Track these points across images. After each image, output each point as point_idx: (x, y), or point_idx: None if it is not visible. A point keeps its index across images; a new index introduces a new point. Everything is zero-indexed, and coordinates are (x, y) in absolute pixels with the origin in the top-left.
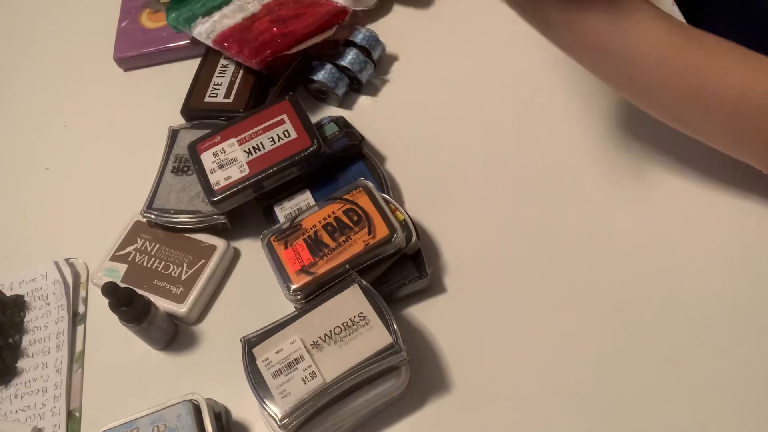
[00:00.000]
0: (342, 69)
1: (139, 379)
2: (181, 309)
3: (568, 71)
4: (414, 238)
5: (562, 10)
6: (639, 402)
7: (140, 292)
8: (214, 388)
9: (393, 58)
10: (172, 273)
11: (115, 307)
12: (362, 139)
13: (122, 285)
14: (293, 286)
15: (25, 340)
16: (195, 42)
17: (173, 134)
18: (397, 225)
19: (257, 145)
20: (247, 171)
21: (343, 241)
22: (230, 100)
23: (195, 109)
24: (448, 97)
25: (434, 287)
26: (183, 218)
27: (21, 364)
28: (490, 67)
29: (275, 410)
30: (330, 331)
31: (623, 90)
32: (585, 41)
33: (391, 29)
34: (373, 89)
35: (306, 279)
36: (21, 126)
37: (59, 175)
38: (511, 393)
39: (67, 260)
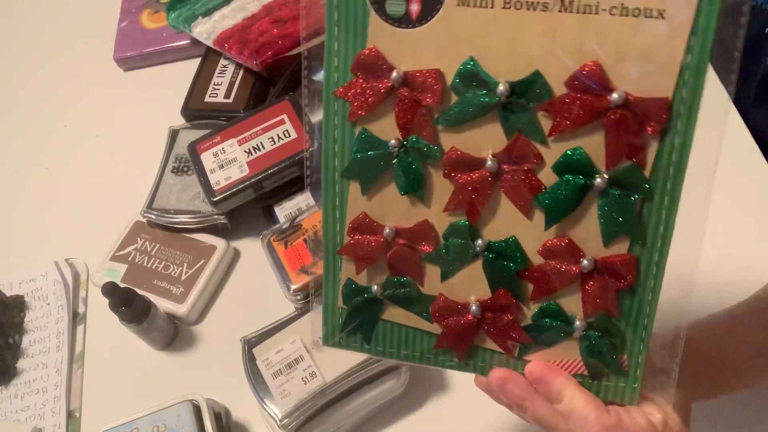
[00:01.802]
0: None
1: (139, 379)
2: (181, 309)
3: None
4: None
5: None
6: None
7: (140, 292)
8: (214, 388)
9: None
10: (172, 273)
11: (115, 307)
12: None
13: (122, 285)
14: (293, 286)
15: (25, 340)
16: (195, 42)
17: (173, 134)
18: None
19: (257, 145)
20: (247, 171)
21: None
22: (230, 100)
23: (195, 109)
24: None
25: None
26: (183, 218)
27: (21, 364)
28: None
29: (275, 410)
30: None
31: None
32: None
33: None
34: None
35: (306, 279)
36: (21, 126)
37: (59, 175)
38: None
39: (67, 260)
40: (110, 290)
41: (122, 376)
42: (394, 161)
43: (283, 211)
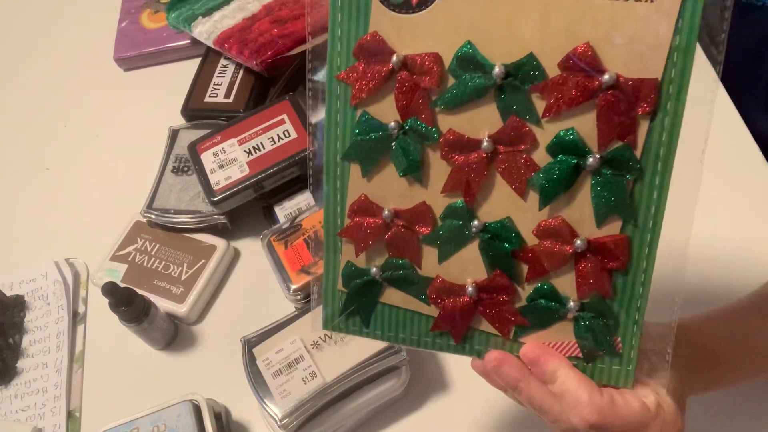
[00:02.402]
0: None
1: (139, 379)
2: (181, 309)
3: None
4: None
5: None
6: None
7: (140, 292)
8: (214, 388)
9: None
10: (172, 273)
11: (115, 307)
12: None
13: (122, 285)
14: (293, 286)
15: (25, 340)
16: (195, 42)
17: (173, 134)
18: None
19: (257, 145)
20: (247, 171)
21: None
22: (230, 100)
23: (195, 109)
24: None
25: None
26: (183, 218)
27: (21, 364)
28: None
29: (275, 410)
30: None
31: None
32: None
33: None
34: None
35: (306, 279)
36: (21, 126)
37: (59, 175)
38: None
39: (67, 260)
40: (110, 290)
41: (122, 376)
42: (393, 143)
43: (283, 211)
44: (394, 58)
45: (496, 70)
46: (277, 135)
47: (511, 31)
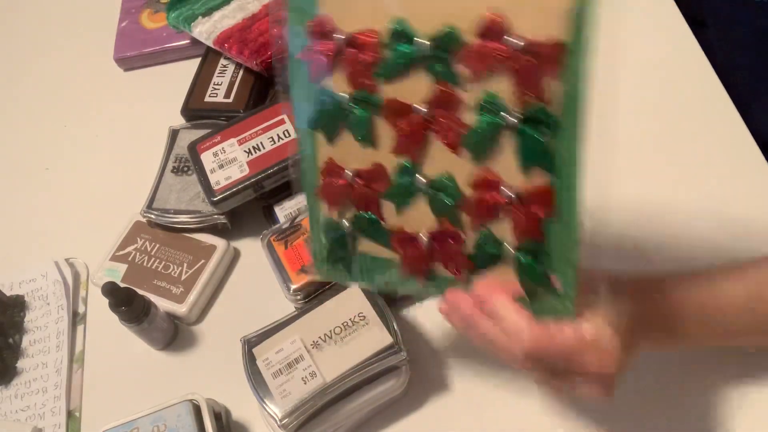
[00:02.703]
0: None
1: (139, 379)
2: (181, 309)
3: None
4: None
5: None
6: (636, 397)
7: (140, 292)
8: (214, 388)
9: None
10: (172, 273)
11: (115, 307)
12: None
13: (122, 285)
14: (293, 286)
15: (25, 340)
16: (195, 42)
17: (173, 134)
18: None
19: (257, 144)
20: (247, 171)
21: None
22: (230, 100)
23: (195, 109)
24: None
25: None
26: (183, 218)
27: (21, 364)
28: None
29: (275, 410)
30: (330, 330)
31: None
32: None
33: None
34: None
35: (306, 279)
36: (21, 126)
37: (59, 175)
38: (510, 392)
39: (67, 260)
40: (110, 290)
41: (122, 376)
42: (347, 112)
43: (283, 211)
44: (340, 36)
45: (424, 42)
46: (277, 135)
47: (436, 5)
